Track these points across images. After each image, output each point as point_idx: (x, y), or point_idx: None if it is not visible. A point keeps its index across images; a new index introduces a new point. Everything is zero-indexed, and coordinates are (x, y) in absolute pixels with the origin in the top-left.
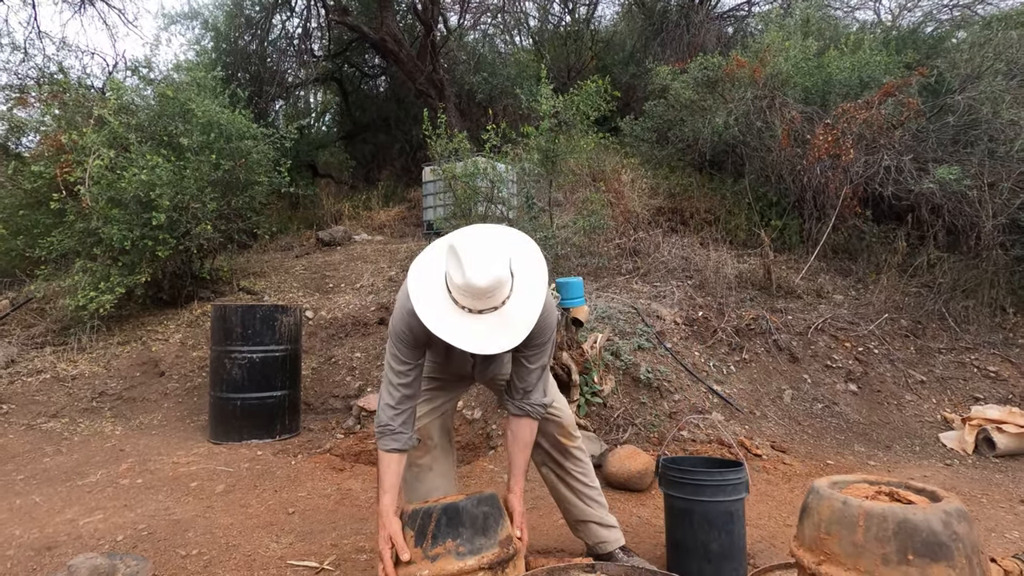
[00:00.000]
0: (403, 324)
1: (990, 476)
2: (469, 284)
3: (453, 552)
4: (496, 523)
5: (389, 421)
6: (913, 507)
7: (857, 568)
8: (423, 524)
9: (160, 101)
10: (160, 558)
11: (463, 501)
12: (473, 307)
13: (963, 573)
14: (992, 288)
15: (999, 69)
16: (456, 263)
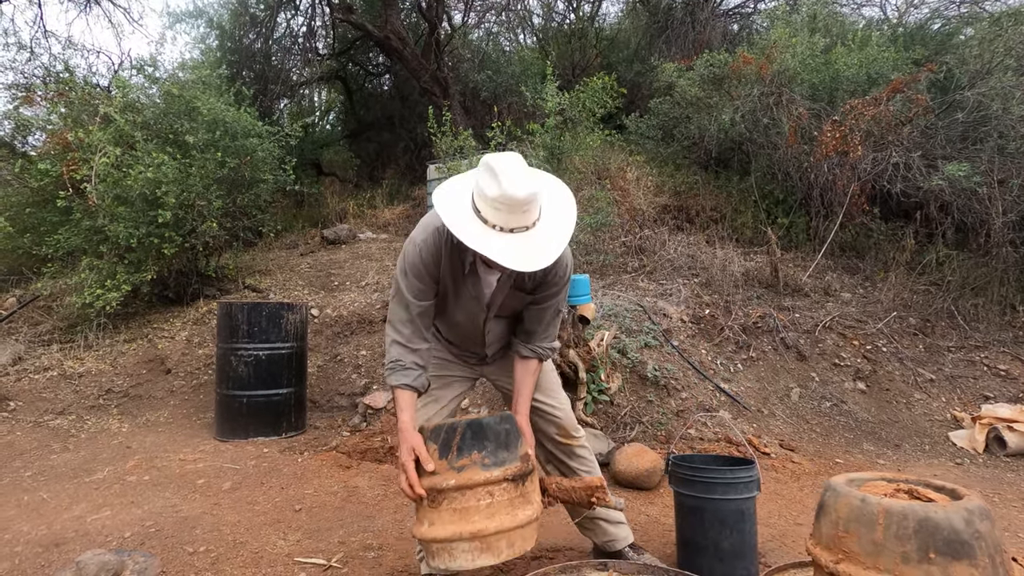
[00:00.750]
0: (415, 256)
1: (1001, 475)
2: (506, 195)
3: (479, 463)
4: (516, 440)
5: (399, 356)
6: (934, 505)
7: (877, 567)
8: (447, 438)
9: (166, 99)
10: (168, 555)
11: (486, 418)
12: (505, 225)
13: (986, 572)
14: (1002, 286)
15: (1009, 65)
16: (491, 177)
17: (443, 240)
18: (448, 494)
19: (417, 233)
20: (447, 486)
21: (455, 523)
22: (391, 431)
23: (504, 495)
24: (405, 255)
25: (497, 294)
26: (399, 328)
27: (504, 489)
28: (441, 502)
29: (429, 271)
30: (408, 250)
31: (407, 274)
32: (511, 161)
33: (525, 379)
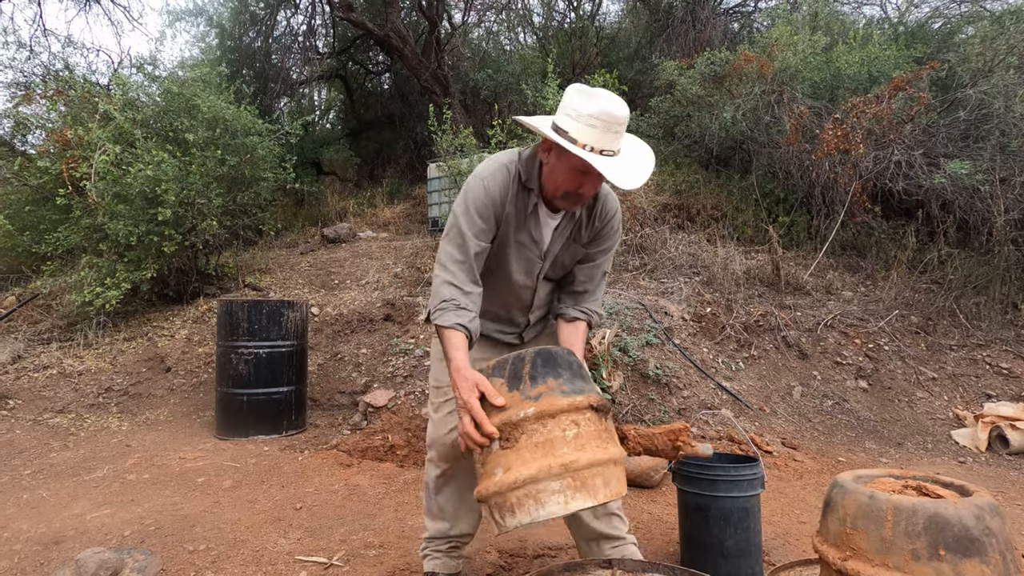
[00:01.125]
0: (479, 190)
1: (1004, 473)
2: (605, 111)
3: (557, 390)
4: (587, 373)
5: (452, 295)
6: (944, 501)
7: (885, 564)
8: (515, 368)
9: (165, 97)
10: (168, 553)
11: (554, 347)
12: (596, 145)
13: (997, 569)
14: (1004, 284)
15: (1011, 63)
16: (586, 96)
17: (511, 177)
18: (527, 426)
19: (482, 169)
20: (525, 415)
21: (540, 458)
22: (392, 429)
23: (590, 425)
24: (468, 190)
25: (555, 243)
26: (451, 268)
27: (589, 419)
28: (519, 438)
29: (495, 209)
30: (472, 185)
31: (469, 210)
32: (601, 89)
33: (574, 341)
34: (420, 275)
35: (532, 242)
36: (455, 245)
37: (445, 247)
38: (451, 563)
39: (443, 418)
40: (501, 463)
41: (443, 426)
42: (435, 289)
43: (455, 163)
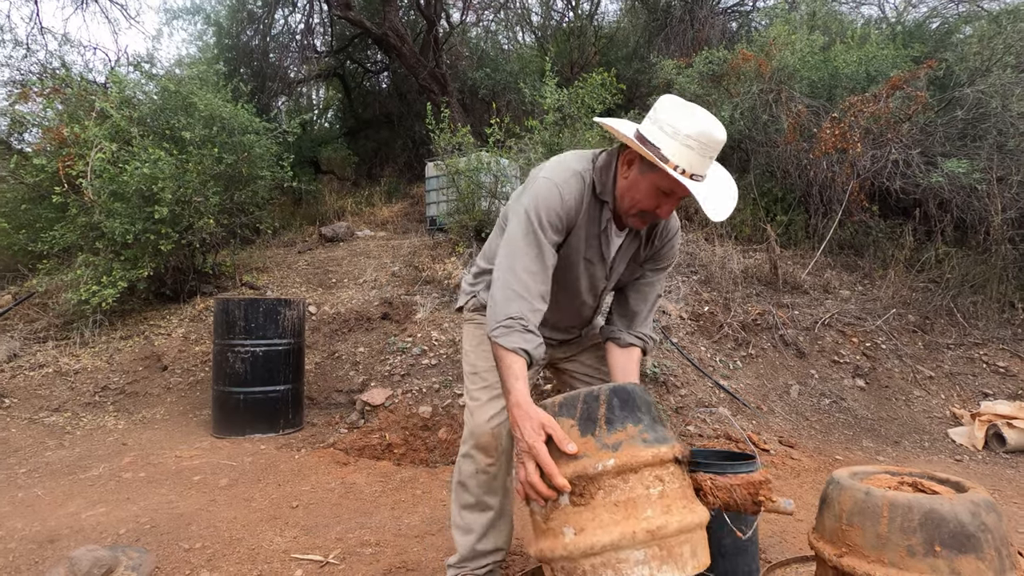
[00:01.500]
0: (554, 198)
1: (1001, 472)
2: (706, 132)
3: (638, 439)
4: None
5: (522, 313)
6: (939, 497)
7: (881, 560)
8: (588, 408)
9: (162, 95)
10: (163, 551)
11: (629, 384)
12: (688, 168)
13: (992, 565)
14: (1001, 283)
15: (1008, 62)
16: (685, 112)
17: (586, 187)
18: (605, 481)
19: (555, 172)
20: (604, 468)
21: (621, 521)
22: (389, 428)
23: (675, 482)
24: (540, 195)
25: (619, 262)
26: (523, 278)
27: (673, 475)
28: (594, 494)
29: (568, 220)
30: (544, 189)
31: (542, 217)
32: (697, 105)
33: (631, 370)
34: (418, 274)
35: (600, 260)
36: (532, 254)
37: (517, 253)
38: None
39: (482, 406)
40: (572, 522)
41: (483, 414)
42: (501, 298)
43: (452, 162)
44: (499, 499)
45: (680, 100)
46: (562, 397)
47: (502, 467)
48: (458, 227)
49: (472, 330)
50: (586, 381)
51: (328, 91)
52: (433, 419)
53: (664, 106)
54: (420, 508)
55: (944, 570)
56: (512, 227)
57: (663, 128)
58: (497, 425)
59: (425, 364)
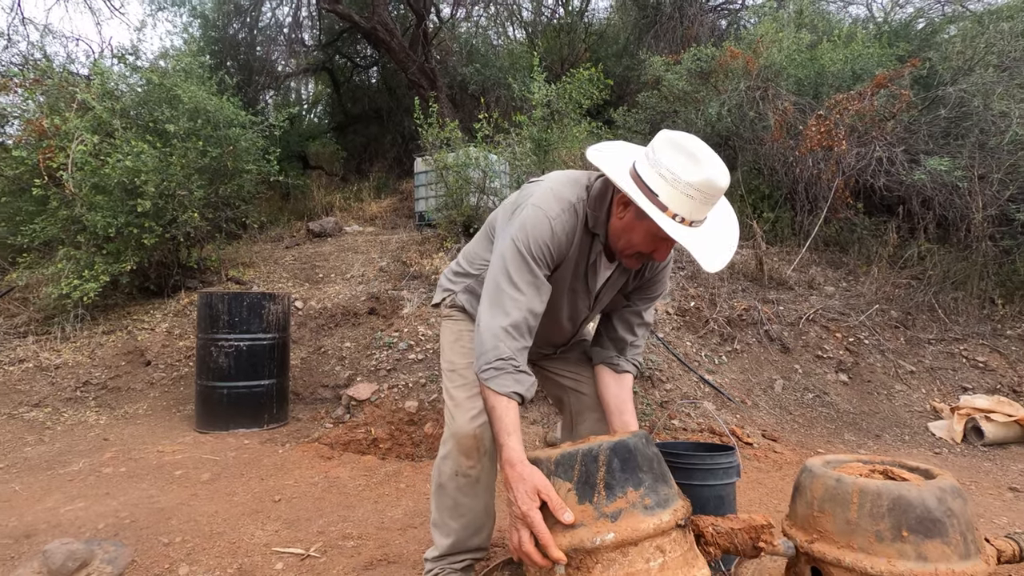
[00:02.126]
0: (546, 232)
1: (979, 464)
2: (710, 182)
3: (639, 506)
4: (667, 468)
5: (512, 354)
6: (907, 484)
7: (850, 545)
8: (586, 471)
9: (146, 87)
10: (142, 546)
11: (630, 439)
12: (687, 216)
13: (957, 549)
14: (981, 280)
15: (991, 62)
16: (687, 158)
17: (579, 221)
18: (603, 555)
19: (546, 203)
20: (602, 543)
21: None
22: (375, 423)
23: (676, 549)
24: (531, 227)
25: (607, 291)
26: (512, 314)
27: (674, 541)
28: (592, 568)
29: (559, 253)
30: (536, 220)
31: (533, 252)
32: (700, 142)
33: (623, 397)
34: (405, 269)
35: (585, 291)
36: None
37: (507, 286)
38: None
39: (462, 405)
40: None
41: (463, 415)
42: (490, 336)
43: (441, 156)
44: (482, 502)
45: (681, 141)
46: (559, 454)
47: (484, 469)
48: (446, 222)
49: (450, 326)
50: (568, 381)
51: (317, 86)
52: (419, 414)
53: (665, 149)
54: (404, 501)
55: (911, 555)
56: (501, 257)
57: (663, 174)
58: (479, 425)
59: (412, 359)
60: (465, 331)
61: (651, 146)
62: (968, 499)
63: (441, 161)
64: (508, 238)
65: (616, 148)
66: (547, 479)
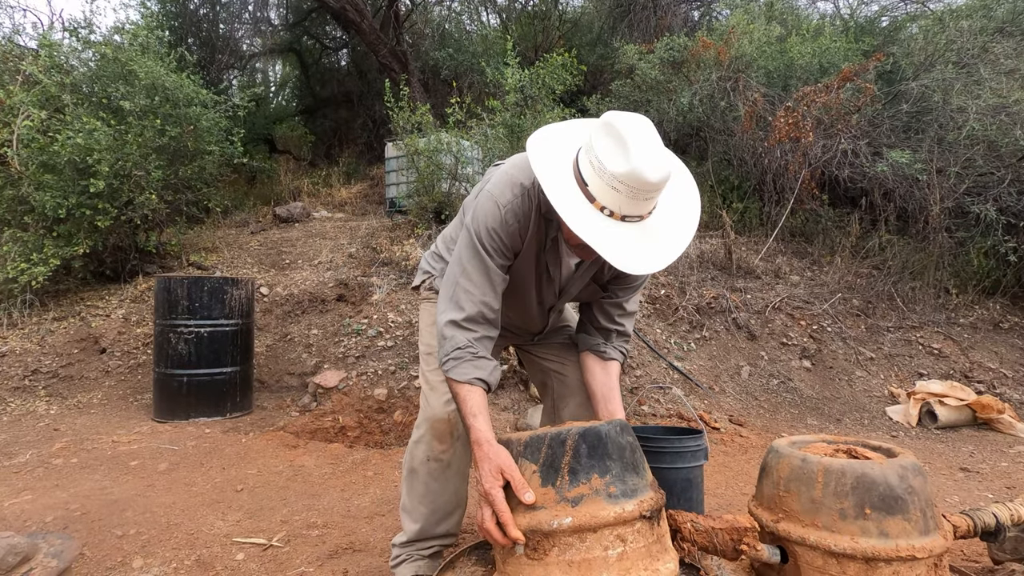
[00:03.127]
0: (496, 220)
1: (932, 446)
2: (636, 175)
3: (602, 493)
4: (642, 458)
5: (468, 342)
6: (871, 463)
7: (815, 524)
8: (552, 454)
9: (99, 62)
10: (93, 538)
11: (603, 425)
12: (617, 210)
13: (917, 526)
14: (937, 270)
15: (950, 58)
16: (617, 145)
17: (533, 205)
18: (560, 539)
19: (497, 189)
20: (559, 526)
21: None
22: (343, 411)
23: (639, 540)
24: (482, 216)
25: (575, 281)
26: (465, 305)
27: (638, 531)
28: (548, 551)
29: (512, 240)
30: (486, 209)
31: (484, 240)
32: (642, 127)
33: (610, 384)
34: (375, 255)
35: (548, 278)
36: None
37: (461, 276)
38: (434, 567)
39: (437, 388)
40: (523, 573)
41: (438, 398)
42: (447, 330)
43: (412, 141)
44: (452, 486)
45: (617, 126)
46: (528, 436)
47: (456, 454)
48: (417, 208)
49: (428, 308)
50: (552, 364)
51: (284, 67)
52: (389, 401)
53: (599, 132)
54: (371, 489)
55: (873, 531)
56: (458, 248)
57: (592, 161)
58: (453, 410)
59: (381, 346)
60: None
61: (591, 128)
62: (928, 477)
63: (412, 146)
64: (464, 228)
65: (570, 130)
66: (514, 460)
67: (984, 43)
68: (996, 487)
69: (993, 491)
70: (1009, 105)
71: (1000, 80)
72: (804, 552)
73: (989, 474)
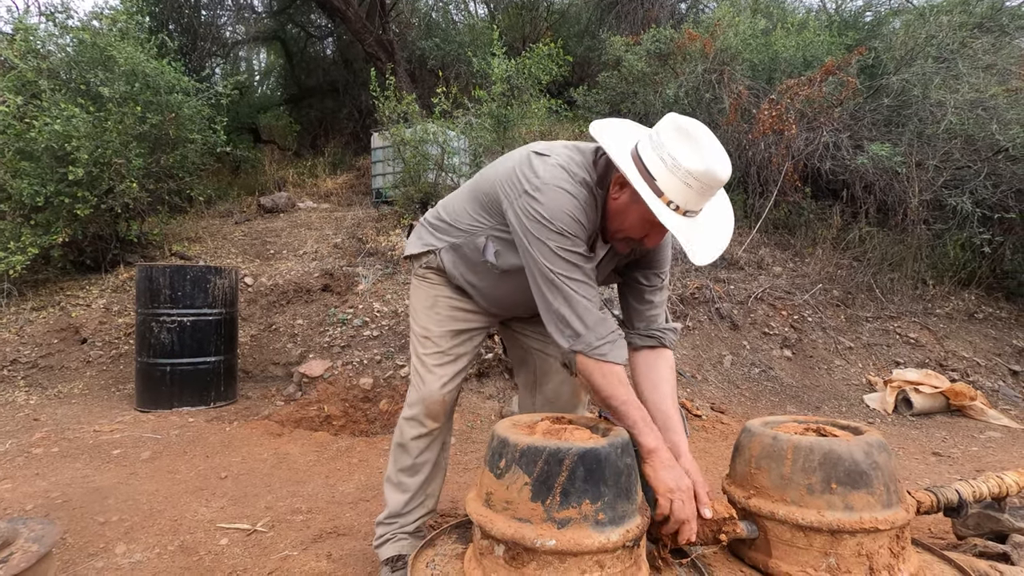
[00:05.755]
0: (572, 209)
1: (907, 432)
2: (711, 172)
3: (590, 520)
4: (636, 481)
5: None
6: (838, 439)
7: (784, 499)
8: (548, 472)
9: (78, 47)
10: (75, 525)
11: (604, 448)
12: (683, 205)
13: (881, 499)
14: (915, 262)
15: (930, 53)
16: (690, 144)
17: (597, 201)
18: (541, 556)
19: (561, 180)
20: (543, 547)
21: None
22: (328, 400)
23: (616, 565)
24: (554, 207)
25: (605, 266)
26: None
27: (617, 558)
28: (527, 563)
29: (582, 233)
30: (558, 201)
31: (566, 232)
32: (706, 129)
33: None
34: (361, 245)
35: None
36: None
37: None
38: (416, 546)
39: (434, 371)
40: (499, 573)
41: (435, 381)
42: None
43: (398, 130)
44: (435, 455)
45: (687, 127)
46: (526, 444)
47: (444, 428)
48: (404, 199)
49: (426, 289)
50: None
51: (269, 56)
52: (374, 390)
53: (669, 132)
54: (356, 476)
55: (838, 505)
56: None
57: (663, 157)
58: (449, 392)
59: (367, 336)
60: (442, 297)
61: (656, 128)
62: (892, 453)
63: (398, 136)
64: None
65: (621, 125)
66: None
67: (963, 38)
68: (966, 470)
69: (963, 474)
70: (986, 100)
71: (978, 75)
72: (774, 526)
73: (960, 458)
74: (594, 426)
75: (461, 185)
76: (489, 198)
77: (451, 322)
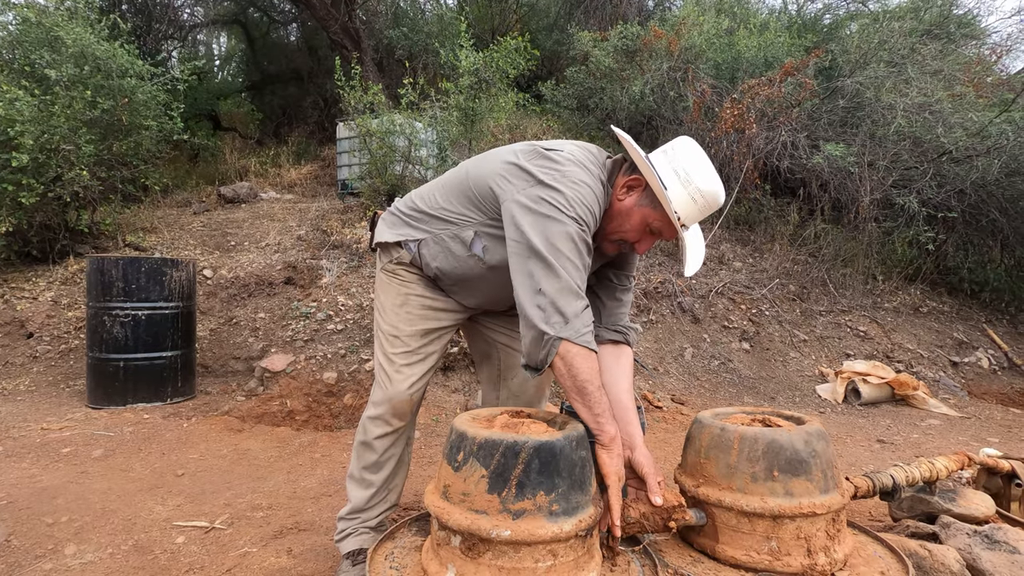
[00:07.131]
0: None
1: (855, 421)
2: (715, 193)
3: (544, 511)
4: (590, 472)
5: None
6: (780, 430)
7: (730, 487)
8: (504, 465)
9: (21, 26)
10: (21, 527)
11: (560, 440)
12: (684, 218)
13: (819, 485)
14: (866, 258)
15: (883, 57)
16: (704, 166)
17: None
18: (496, 546)
19: (582, 172)
20: (498, 537)
21: None
22: (291, 395)
23: (569, 554)
24: (573, 196)
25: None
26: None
27: (570, 547)
28: (483, 553)
29: (594, 226)
30: (578, 191)
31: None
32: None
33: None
34: (325, 238)
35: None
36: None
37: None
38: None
39: (403, 370)
40: (457, 565)
41: (404, 380)
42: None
43: (363, 121)
44: (400, 451)
45: (700, 151)
46: (483, 438)
47: (409, 424)
48: (370, 191)
49: (396, 287)
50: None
51: (230, 40)
52: (339, 385)
53: (684, 148)
54: (318, 471)
55: (780, 491)
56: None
57: (677, 171)
58: (416, 391)
59: (331, 329)
60: (413, 296)
61: (672, 143)
62: (831, 441)
63: (364, 127)
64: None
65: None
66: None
67: (913, 44)
68: (907, 456)
69: (904, 460)
70: (933, 104)
71: (926, 80)
72: (720, 513)
73: (902, 444)
74: (551, 420)
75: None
76: (480, 193)
77: (422, 321)
